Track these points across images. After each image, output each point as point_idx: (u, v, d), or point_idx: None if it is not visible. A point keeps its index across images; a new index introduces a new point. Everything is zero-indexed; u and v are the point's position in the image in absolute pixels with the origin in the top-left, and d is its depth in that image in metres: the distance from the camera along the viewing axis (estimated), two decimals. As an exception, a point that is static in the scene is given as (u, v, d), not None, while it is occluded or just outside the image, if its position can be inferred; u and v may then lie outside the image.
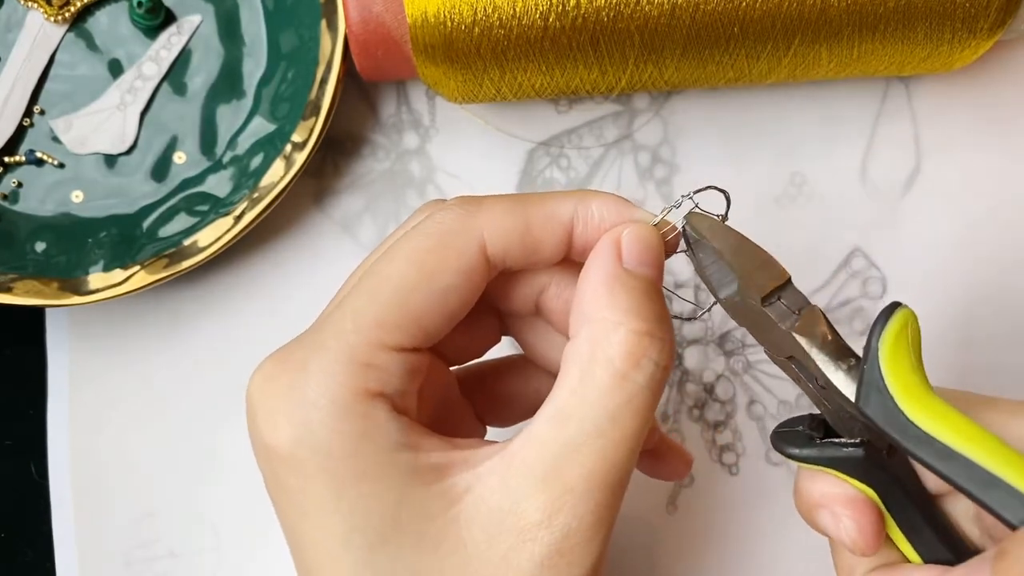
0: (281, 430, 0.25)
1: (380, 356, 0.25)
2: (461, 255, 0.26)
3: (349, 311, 0.26)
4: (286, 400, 0.25)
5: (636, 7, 0.35)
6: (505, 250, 0.27)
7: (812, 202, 0.43)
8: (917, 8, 0.36)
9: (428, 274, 0.26)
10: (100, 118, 0.41)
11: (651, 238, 0.27)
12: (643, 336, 0.25)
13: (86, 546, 0.41)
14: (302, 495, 0.25)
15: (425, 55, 0.36)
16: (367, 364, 0.25)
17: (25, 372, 0.41)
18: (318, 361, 0.25)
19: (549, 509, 0.24)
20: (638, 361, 0.25)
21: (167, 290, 0.41)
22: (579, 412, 0.25)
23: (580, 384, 0.25)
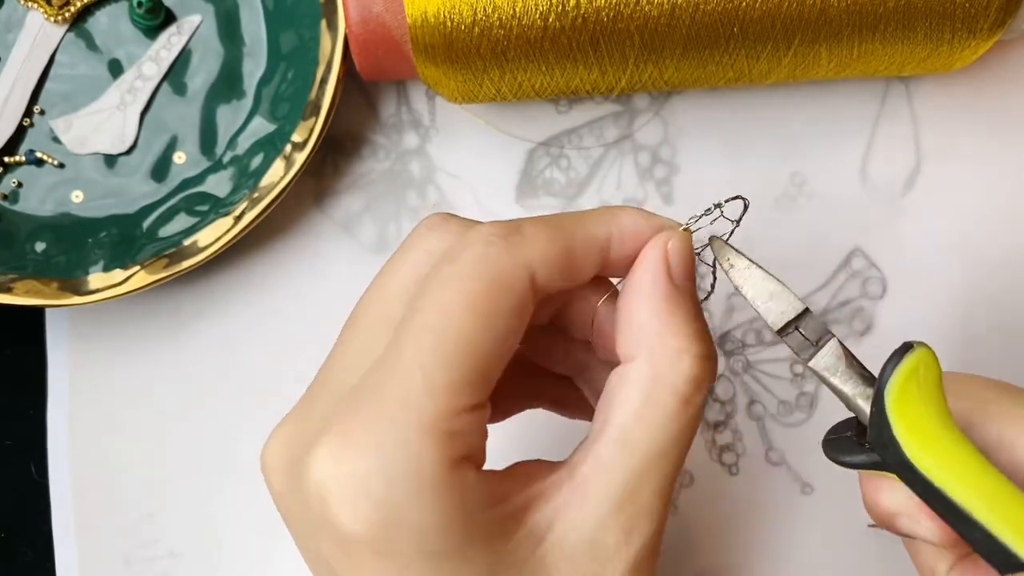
0: (364, 515, 0.23)
1: (460, 421, 0.24)
2: (516, 294, 0.25)
3: (409, 369, 0.24)
4: (365, 482, 0.23)
5: (636, 7, 0.35)
6: (550, 278, 0.26)
7: (812, 202, 0.43)
8: (917, 8, 0.36)
9: (489, 322, 0.25)
10: (100, 118, 0.41)
11: (689, 249, 0.27)
12: (706, 361, 0.26)
13: (86, 546, 0.41)
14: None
15: (425, 55, 0.36)
16: (449, 432, 0.24)
17: (25, 372, 0.41)
18: (394, 434, 0.23)
19: (627, 532, 0.25)
20: (700, 386, 0.26)
21: (167, 290, 0.41)
22: (646, 436, 0.25)
23: (645, 408, 0.26)
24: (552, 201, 0.42)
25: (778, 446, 0.42)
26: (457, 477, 0.23)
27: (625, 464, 0.25)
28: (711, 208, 0.29)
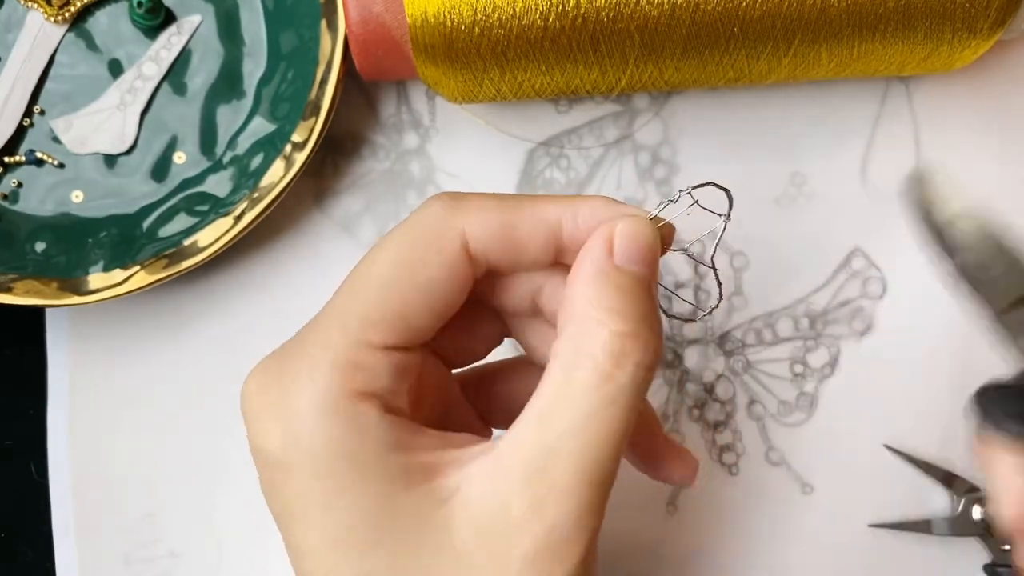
0: (272, 437, 0.25)
1: (366, 356, 0.25)
2: (442, 250, 0.26)
3: (333, 311, 0.26)
4: (275, 406, 0.25)
5: (636, 7, 0.35)
6: (487, 247, 0.27)
7: (812, 202, 0.43)
8: (917, 8, 0.36)
9: (410, 269, 0.26)
10: (100, 118, 0.41)
11: (645, 234, 0.27)
12: (626, 337, 0.25)
13: (86, 546, 0.41)
14: (296, 500, 0.25)
15: (425, 55, 0.36)
16: (354, 365, 0.25)
17: (25, 372, 0.41)
18: (305, 365, 0.25)
19: (535, 507, 0.24)
20: (620, 362, 0.25)
21: (167, 290, 0.41)
22: (562, 411, 0.25)
23: (563, 383, 0.25)
24: (552, 201, 0.42)
25: (778, 446, 0.42)
26: (356, 410, 0.25)
27: (539, 437, 0.25)
28: (677, 195, 0.28)
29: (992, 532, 0.41)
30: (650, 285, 0.27)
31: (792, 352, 0.42)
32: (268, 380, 0.26)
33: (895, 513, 0.42)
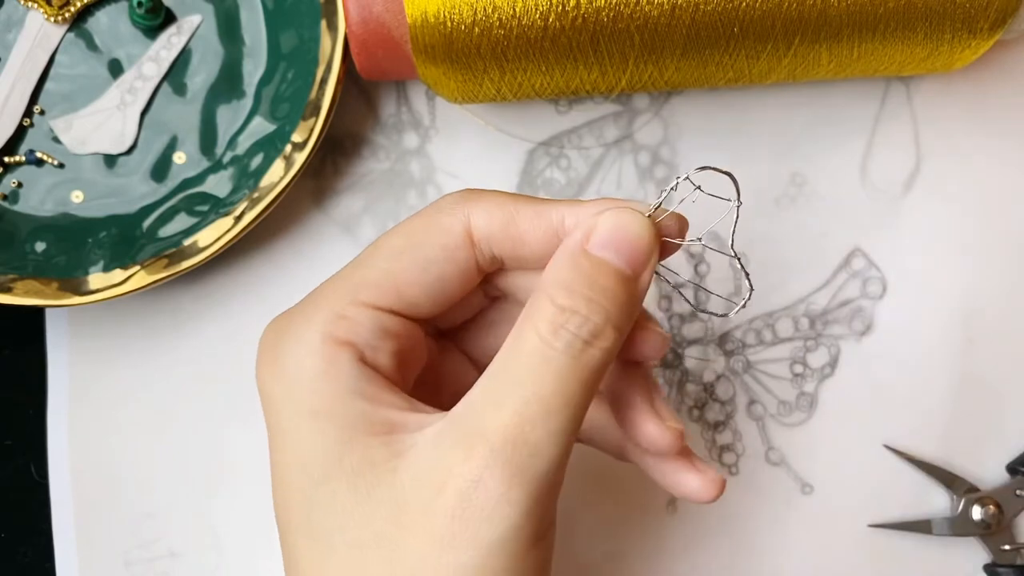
0: (264, 367, 0.28)
1: (352, 309, 0.28)
2: (446, 232, 0.28)
3: (338, 275, 0.29)
4: (272, 342, 0.28)
5: (636, 7, 0.35)
6: (489, 235, 0.28)
7: (812, 202, 0.43)
8: (917, 8, 0.36)
9: (412, 245, 0.28)
10: (100, 118, 0.41)
11: (626, 224, 0.28)
12: (565, 311, 0.26)
13: (86, 546, 0.41)
14: (273, 427, 0.28)
15: (425, 55, 0.36)
16: (340, 315, 0.28)
17: (25, 372, 0.41)
18: (303, 312, 0.28)
19: (464, 461, 0.25)
20: (557, 332, 0.26)
21: (167, 290, 0.41)
22: (503, 371, 0.26)
23: (508, 348, 0.27)
24: (552, 201, 0.42)
25: (778, 446, 0.42)
26: (332, 352, 0.27)
27: (481, 396, 0.26)
28: (676, 183, 0.28)
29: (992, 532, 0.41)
30: (620, 273, 0.27)
31: (792, 352, 0.42)
32: (276, 326, 0.29)
33: (895, 513, 0.42)
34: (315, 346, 0.27)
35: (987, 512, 0.41)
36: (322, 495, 0.26)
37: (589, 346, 0.26)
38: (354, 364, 0.27)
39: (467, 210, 0.28)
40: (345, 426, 0.26)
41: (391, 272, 0.28)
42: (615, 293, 0.27)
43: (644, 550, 0.41)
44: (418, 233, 0.29)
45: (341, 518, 0.26)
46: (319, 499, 0.26)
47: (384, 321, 0.28)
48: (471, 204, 0.29)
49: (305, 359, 0.27)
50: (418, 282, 0.28)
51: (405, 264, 0.28)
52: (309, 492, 0.27)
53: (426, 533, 0.25)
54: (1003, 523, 0.41)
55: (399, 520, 0.25)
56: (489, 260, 0.29)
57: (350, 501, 0.26)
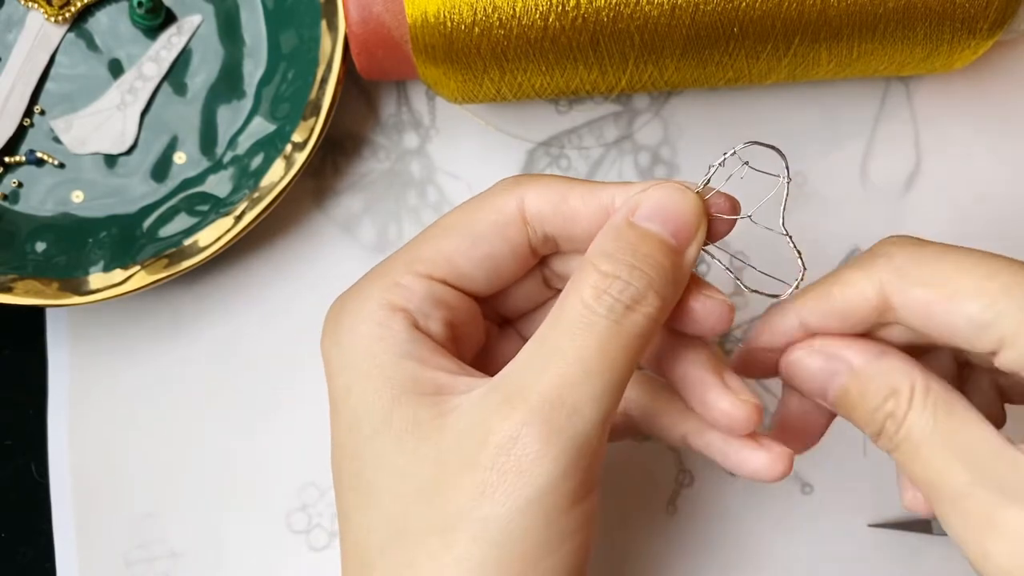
0: (326, 336, 0.30)
1: (407, 278, 0.29)
2: (497, 210, 0.29)
3: (403, 247, 0.30)
4: (335, 314, 0.30)
5: (636, 7, 0.35)
6: (542, 213, 0.29)
7: (812, 202, 0.43)
8: (917, 8, 0.36)
9: (464, 221, 0.30)
10: (100, 118, 0.41)
11: (672, 197, 0.28)
12: (606, 276, 0.27)
13: (86, 546, 0.41)
14: (332, 392, 0.29)
15: (425, 55, 0.36)
16: (395, 283, 0.29)
17: (25, 372, 0.41)
18: (362, 285, 0.30)
19: (504, 418, 0.26)
20: (600, 297, 0.27)
21: (167, 290, 0.41)
22: (547, 336, 0.27)
23: (553, 315, 0.27)
24: (552, 201, 0.42)
25: (778, 446, 0.42)
26: (386, 316, 0.28)
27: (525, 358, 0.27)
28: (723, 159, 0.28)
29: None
30: (664, 243, 0.28)
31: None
32: (339, 300, 0.30)
33: (895, 513, 0.42)
34: (371, 313, 0.29)
35: None
36: (370, 450, 0.28)
37: (631, 311, 0.27)
38: (406, 328, 0.28)
39: (521, 190, 0.29)
40: (395, 386, 0.28)
41: (445, 245, 0.30)
42: (658, 261, 0.27)
43: (644, 550, 0.41)
44: (471, 211, 0.30)
45: (386, 472, 0.27)
46: (367, 454, 0.28)
47: (436, 290, 0.29)
48: (524, 185, 0.30)
49: (360, 325, 0.29)
50: (468, 255, 0.29)
51: (457, 238, 0.30)
52: (359, 448, 0.28)
53: (464, 487, 0.26)
54: (1003, 523, 0.41)
55: (440, 475, 0.26)
56: (542, 240, 0.30)
57: (396, 456, 0.27)
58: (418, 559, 0.26)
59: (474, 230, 0.30)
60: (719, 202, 0.29)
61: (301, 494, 0.41)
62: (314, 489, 0.41)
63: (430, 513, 0.26)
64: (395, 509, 0.27)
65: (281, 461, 0.41)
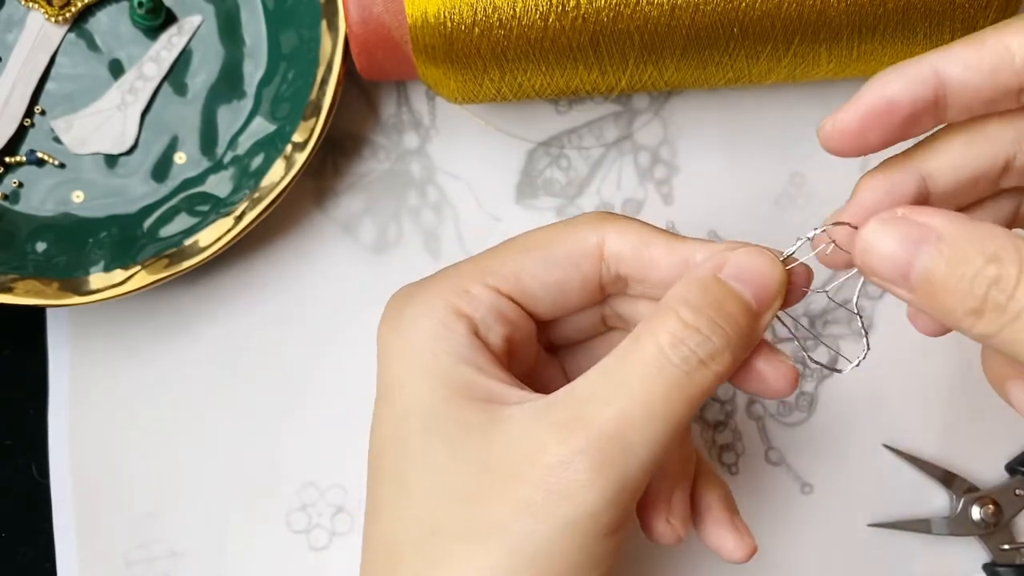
0: (387, 324, 0.30)
1: (477, 287, 0.30)
2: (579, 241, 0.30)
3: (472, 259, 0.31)
4: (401, 300, 0.31)
5: (636, 7, 0.35)
6: (620, 254, 0.30)
7: (812, 202, 0.43)
8: (916, 9, 0.36)
9: (543, 245, 0.31)
10: (101, 118, 0.41)
11: (759, 260, 0.28)
12: (687, 326, 0.27)
13: (87, 546, 0.41)
14: (384, 379, 0.30)
15: (425, 55, 0.36)
16: (464, 290, 0.30)
17: (26, 372, 0.41)
18: (431, 284, 0.31)
19: (560, 441, 0.26)
20: (677, 346, 0.27)
21: (168, 290, 0.41)
22: (615, 371, 0.27)
23: (624, 350, 0.28)
24: (552, 201, 0.42)
25: (778, 446, 0.42)
26: (450, 319, 0.29)
27: (586, 388, 0.27)
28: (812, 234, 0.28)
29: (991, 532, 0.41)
30: (747, 305, 0.28)
31: (792, 352, 0.42)
32: (404, 292, 0.31)
33: (895, 513, 0.42)
34: (437, 312, 0.29)
35: (986, 512, 0.41)
36: (416, 445, 0.28)
37: (704, 366, 0.27)
38: (468, 334, 0.29)
39: (605, 228, 0.30)
40: (449, 386, 0.28)
41: (518, 264, 0.30)
42: (738, 322, 0.28)
43: (644, 550, 0.41)
44: (552, 236, 0.31)
45: (429, 469, 0.28)
46: (412, 448, 0.28)
47: (502, 305, 0.30)
48: (609, 223, 0.30)
49: (424, 321, 0.29)
50: (540, 279, 0.30)
51: (532, 260, 0.30)
52: (405, 441, 0.29)
53: (506, 498, 0.27)
54: (1002, 523, 0.41)
55: (483, 481, 0.27)
56: (613, 278, 0.31)
57: (441, 454, 0.28)
58: (449, 561, 0.27)
59: (550, 255, 0.30)
60: (798, 271, 0.29)
61: (301, 494, 0.41)
62: (314, 489, 0.41)
63: (468, 517, 0.27)
64: (432, 507, 0.28)
65: (281, 461, 0.41)
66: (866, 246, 0.25)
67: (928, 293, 0.24)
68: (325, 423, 0.41)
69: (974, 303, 0.24)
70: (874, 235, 0.25)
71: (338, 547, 0.41)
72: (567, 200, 0.42)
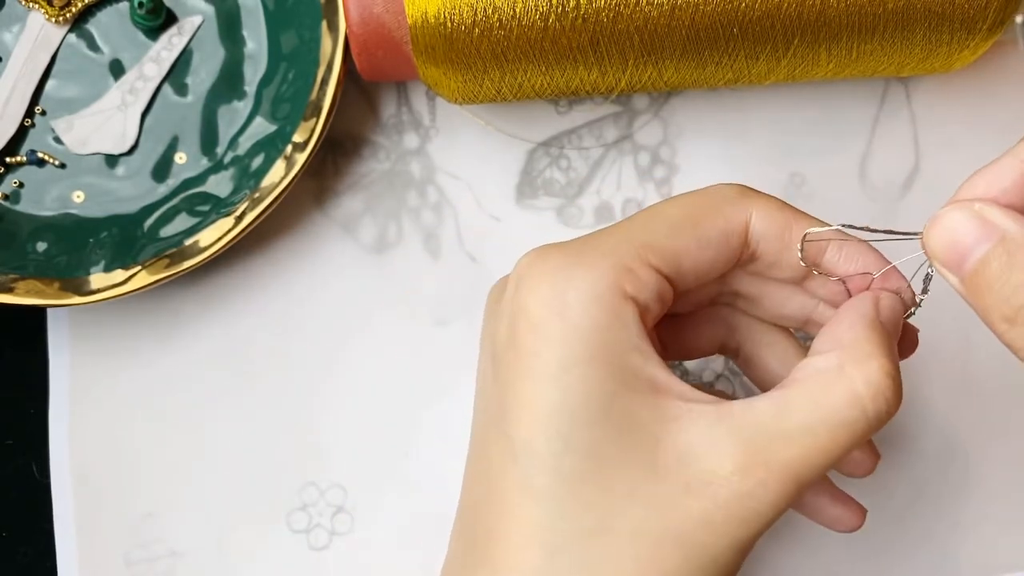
0: (540, 294, 0.28)
1: (641, 267, 0.28)
2: (728, 220, 0.30)
3: (621, 230, 0.30)
4: (553, 273, 0.28)
5: (636, 7, 0.35)
6: (764, 234, 0.30)
7: (812, 202, 0.43)
8: (916, 9, 0.36)
9: (695, 223, 0.29)
10: (101, 118, 0.41)
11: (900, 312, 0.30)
12: (889, 376, 0.27)
13: (87, 545, 0.41)
14: (535, 357, 0.28)
15: (425, 56, 0.36)
16: (629, 270, 0.28)
17: (26, 372, 0.41)
18: (590, 255, 0.29)
19: (742, 471, 0.26)
20: (875, 396, 0.27)
21: (168, 290, 0.41)
22: (805, 410, 0.27)
23: (816, 390, 0.27)
24: (552, 201, 0.42)
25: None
26: (618, 303, 0.28)
27: (773, 419, 0.27)
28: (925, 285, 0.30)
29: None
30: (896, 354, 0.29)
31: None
32: (553, 254, 0.29)
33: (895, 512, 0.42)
34: (604, 296, 0.28)
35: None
36: (582, 439, 0.27)
37: (886, 417, 0.27)
38: (636, 320, 0.28)
39: (750, 205, 0.30)
40: (617, 378, 0.27)
41: (676, 241, 0.29)
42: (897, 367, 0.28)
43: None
44: (699, 211, 0.30)
45: (598, 465, 0.27)
46: (577, 441, 0.27)
47: (663, 287, 0.29)
48: (752, 200, 0.30)
49: (592, 306, 0.28)
50: (695, 258, 0.29)
51: (688, 238, 0.29)
52: (566, 433, 0.27)
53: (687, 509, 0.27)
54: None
55: (653, 483, 0.27)
56: (748, 256, 0.30)
57: (609, 449, 0.27)
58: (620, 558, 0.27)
59: (704, 233, 0.29)
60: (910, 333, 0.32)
61: (301, 494, 0.41)
62: (314, 489, 0.41)
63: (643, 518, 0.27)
64: (600, 503, 0.27)
65: (281, 461, 0.41)
66: (935, 228, 0.27)
67: (974, 286, 0.26)
68: (325, 423, 0.41)
69: (1010, 311, 0.25)
70: (945, 219, 0.27)
71: (338, 547, 0.41)
72: (567, 200, 0.42)
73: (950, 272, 0.27)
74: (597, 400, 0.27)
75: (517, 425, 0.28)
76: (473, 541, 0.29)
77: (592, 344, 0.27)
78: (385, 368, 0.42)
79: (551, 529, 0.27)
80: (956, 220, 0.26)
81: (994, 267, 0.25)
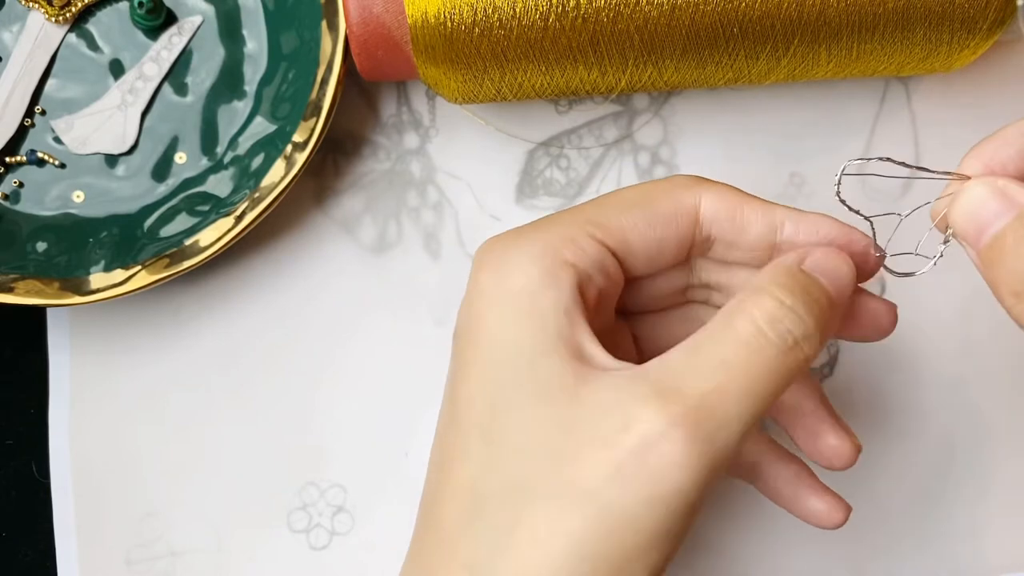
0: (486, 265, 0.30)
1: (583, 239, 0.30)
2: (677, 202, 0.31)
3: (577, 209, 0.31)
4: (503, 247, 0.30)
5: (636, 7, 0.35)
6: (715, 216, 0.31)
7: (812, 202, 0.43)
8: (916, 9, 0.36)
9: (644, 201, 0.31)
10: (101, 118, 0.41)
11: (836, 260, 0.30)
12: (786, 308, 0.28)
13: (87, 545, 0.41)
14: (477, 320, 0.29)
15: (425, 55, 0.36)
16: (571, 239, 0.30)
17: (26, 372, 0.41)
18: (535, 229, 0.30)
19: (655, 411, 0.26)
20: (775, 324, 0.27)
21: (168, 290, 0.41)
22: (709, 347, 0.28)
23: (718, 328, 0.28)
24: (552, 201, 0.42)
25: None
26: (555, 268, 0.29)
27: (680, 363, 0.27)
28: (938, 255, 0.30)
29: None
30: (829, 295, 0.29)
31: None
32: (503, 235, 0.31)
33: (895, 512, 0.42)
34: (543, 259, 0.29)
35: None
36: (508, 397, 0.28)
37: (798, 346, 0.28)
38: (572, 286, 0.29)
39: (700, 189, 0.31)
40: (547, 338, 0.28)
41: (620, 218, 0.30)
42: (824, 309, 0.28)
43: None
44: (650, 194, 0.31)
45: (519, 423, 0.28)
46: (504, 400, 0.28)
47: (606, 259, 0.30)
48: (704, 185, 0.31)
49: (530, 267, 0.29)
50: (643, 235, 0.30)
51: (636, 215, 0.30)
52: (497, 392, 0.28)
53: (597, 463, 0.26)
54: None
55: (570, 443, 0.27)
56: (703, 240, 0.31)
57: (530, 409, 0.28)
58: (532, 518, 0.27)
59: (653, 212, 0.31)
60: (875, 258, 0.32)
61: (301, 494, 0.41)
62: (314, 489, 0.41)
63: (556, 477, 0.27)
64: (520, 462, 0.27)
65: (281, 461, 0.41)
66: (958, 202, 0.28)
67: (989, 259, 0.27)
68: (325, 423, 0.41)
69: (1019, 285, 0.26)
70: (969, 192, 0.28)
71: (338, 547, 0.41)
72: (567, 200, 0.42)
73: (969, 245, 0.28)
74: (525, 359, 0.28)
75: (461, 387, 0.29)
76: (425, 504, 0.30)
77: (523, 304, 0.29)
78: (385, 368, 0.42)
79: (473, 490, 0.28)
80: (979, 194, 0.28)
81: (1009, 240, 0.27)
